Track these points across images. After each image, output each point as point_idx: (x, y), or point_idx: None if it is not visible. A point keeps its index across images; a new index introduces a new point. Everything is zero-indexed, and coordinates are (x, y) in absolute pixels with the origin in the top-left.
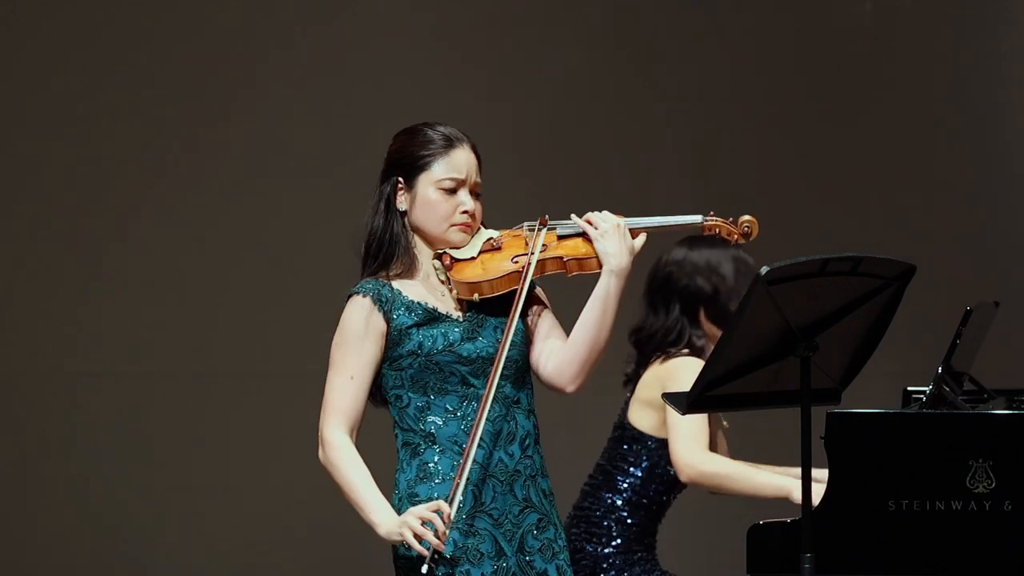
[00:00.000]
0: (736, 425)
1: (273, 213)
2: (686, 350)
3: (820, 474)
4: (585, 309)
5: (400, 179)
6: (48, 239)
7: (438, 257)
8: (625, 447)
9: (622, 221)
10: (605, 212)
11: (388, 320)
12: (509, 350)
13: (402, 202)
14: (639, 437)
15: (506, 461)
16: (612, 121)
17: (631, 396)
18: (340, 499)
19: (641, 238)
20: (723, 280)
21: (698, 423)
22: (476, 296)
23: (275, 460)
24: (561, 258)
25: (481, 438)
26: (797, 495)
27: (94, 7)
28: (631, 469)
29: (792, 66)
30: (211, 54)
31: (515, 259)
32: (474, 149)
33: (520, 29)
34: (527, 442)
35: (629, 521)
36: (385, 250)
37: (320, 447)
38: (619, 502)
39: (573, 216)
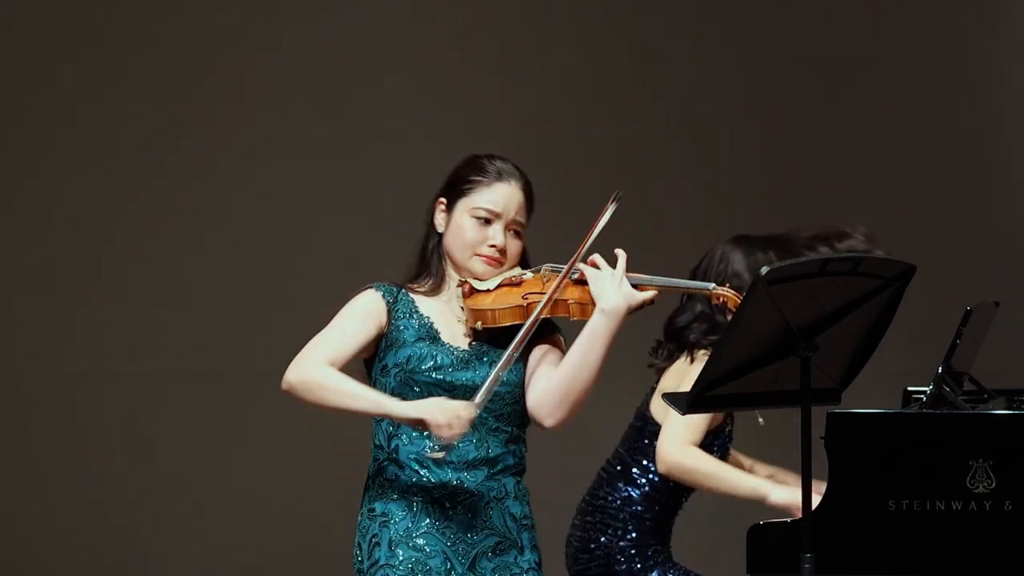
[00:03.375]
0: (736, 425)
1: (273, 213)
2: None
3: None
4: (572, 346)
5: (444, 199)
6: (48, 239)
7: (461, 284)
8: (645, 441)
9: (619, 271)
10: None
11: (390, 321)
12: (500, 385)
13: (440, 223)
14: (659, 432)
15: (467, 482)
16: (612, 121)
17: (655, 386)
18: (341, 499)
19: (649, 293)
20: None
21: (695, 419)
22: (479, 324)
23: (275, 460)
24: (566, 301)
25: (450, 460)
26: (773, 498)
27: (93, 8)
28: (649, 464)
29: (792, 66)
30: (210, 55)
31: (526, 296)
32: (525, 189)
33: (519, 28)
34: (497, 467)
35: (646, 515)
36: (418, 265)
37: (294, 368)
38: (636, 495)
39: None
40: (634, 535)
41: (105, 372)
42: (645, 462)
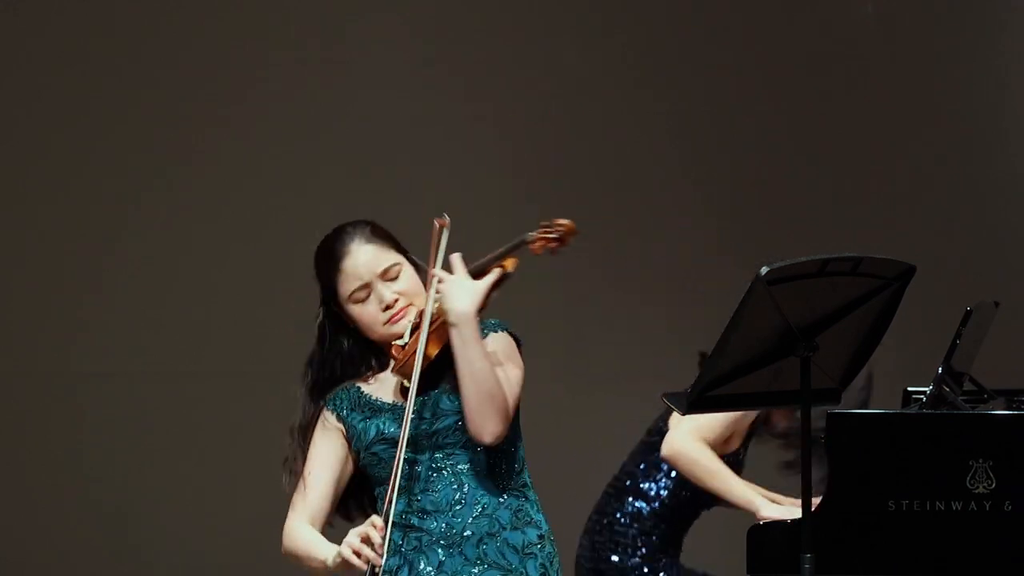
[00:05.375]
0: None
1: (273, 213)
2: None
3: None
4: (456, 363)
5: (333, 302)
6: (48, 239)
7: (389, 353)
8: (658, 455)
9: (459, 272)
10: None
11: (342, 421)
12: (445, 418)
13: (349, 319)
14: None
15: (453, 525)
16: (612, 120)
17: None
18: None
19: (491, 275)
20: None
21: (715, 423)
22: (404, 381)
23: (275, 460)
24: (432, 333)
25: (424, 510)
26: (764, 512)
27: (93, 9)
28: (661, 479)
29: (792, 66)
30: (212, 56)
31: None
32: (368, 238)
33: (516, 28)
34: (482, 503)
35: (655, 531)
36: (349, 372)
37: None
38: (646, 511)
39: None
40: (644, 551)
41: (105, 372)
42: (658, 475)
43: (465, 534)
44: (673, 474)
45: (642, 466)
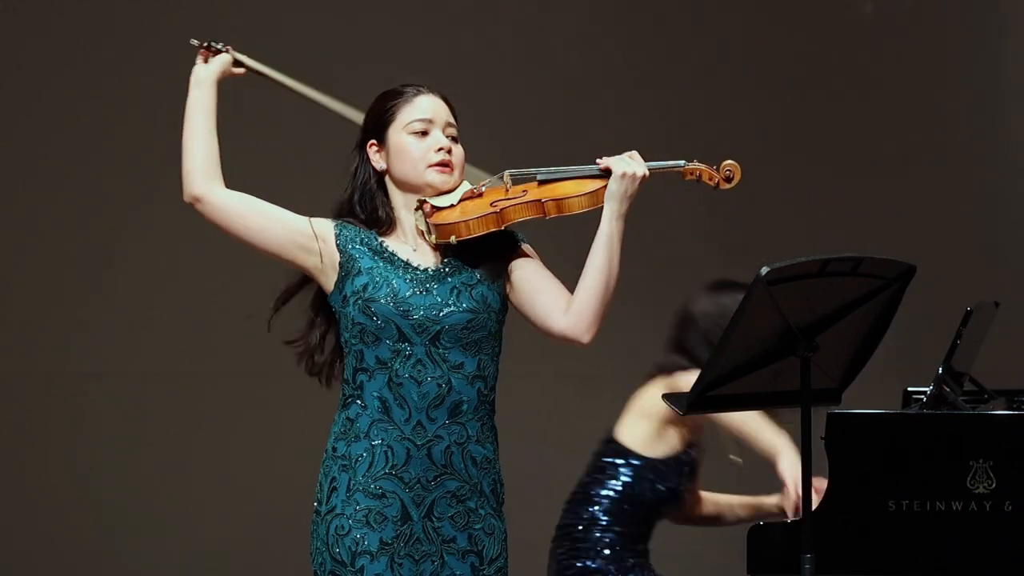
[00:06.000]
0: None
1: None
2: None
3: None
4: (592, 257)
5: (373, 140)
6: (48, 239)
7: (419, 207)
8: (606, 459)
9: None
10: (621, 157)
11: (341, 250)
12: (456, 315)
13: (379, 161)
14: (623, 452)
15: (425, 425)
16: (612, 121)
17: (625, 410)
18: None
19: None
20: None
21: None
22: (453, 238)
23: (275, 460)
24: (540, 201)
25: (404, 398)
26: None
27: (93, 9)
28: (609, 482)
29: (792, 67)
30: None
31: (494, 203)
32: (444, 98)
33: (519, 29)
34: (462, 408)
35: (614, 530)
36: (359, 209)
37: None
38: (599, 513)
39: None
40: (608, 552)
41: (105, 372)
42: (605, 479)
43: (437, 434)
44: (621, 476)
45: (591, 473)
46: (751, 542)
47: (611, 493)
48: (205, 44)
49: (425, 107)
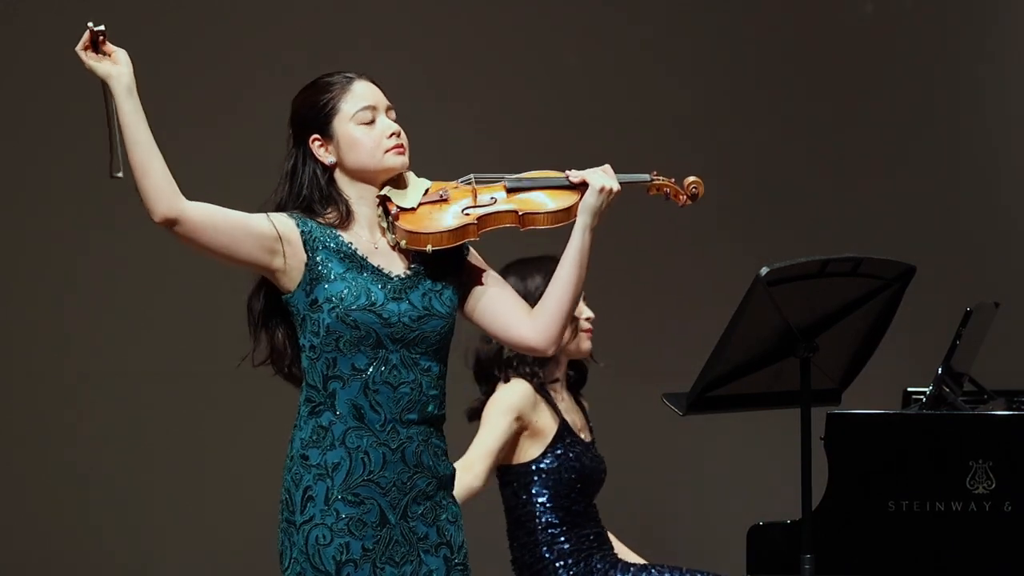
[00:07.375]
0: (737, 425)
1: None
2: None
3: None
4: (561, 268)
5: (316, 135)
6: (48, 239)
7: (381, 203)
8: (506, 487)
9: (608, 169)
10: (596, 170)
11: (308, 251)
12: (433, 320)
13: (326, 155)
14: (507, 471)
15: (399, 429)
16: (612, 122)
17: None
18: None
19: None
20: None
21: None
22: (429, 248)
23: (275, 460)
24: (516, 212)
25: (380, 404)
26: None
27: (92, 9)
28: (530, 499)
29: (792, 67)
30: (209, 57)
31: (467, 211)
32: (373, 80)
33: (518, 29)
34: (429, 409)
35: (559, 541)
36: (308, 200)
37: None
38: (534, 533)
39: (528, 173)
40: (560, 563)
41: (104, 372)
42: (516, 503)
43: (409, 436)
44: (534, 490)
45: (505, 503)
46: (751, 542)
47: (531, 509)
48: (101, 29)
49: (366, 94)
